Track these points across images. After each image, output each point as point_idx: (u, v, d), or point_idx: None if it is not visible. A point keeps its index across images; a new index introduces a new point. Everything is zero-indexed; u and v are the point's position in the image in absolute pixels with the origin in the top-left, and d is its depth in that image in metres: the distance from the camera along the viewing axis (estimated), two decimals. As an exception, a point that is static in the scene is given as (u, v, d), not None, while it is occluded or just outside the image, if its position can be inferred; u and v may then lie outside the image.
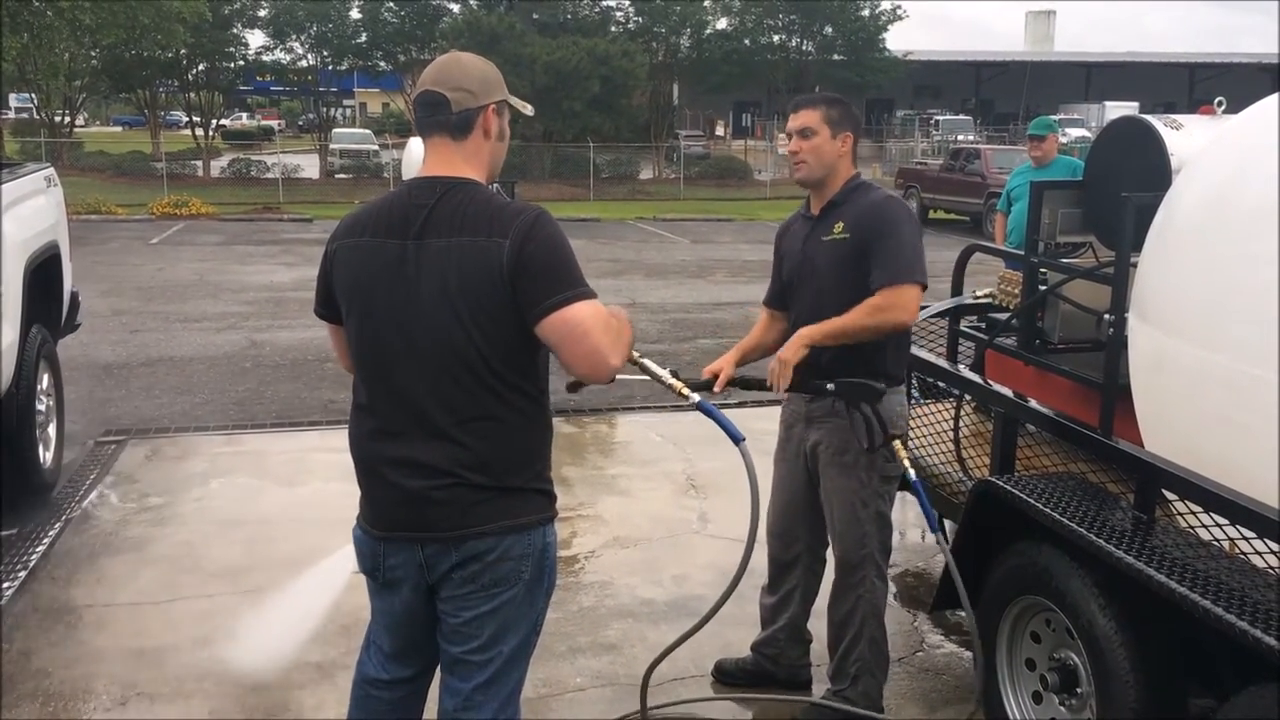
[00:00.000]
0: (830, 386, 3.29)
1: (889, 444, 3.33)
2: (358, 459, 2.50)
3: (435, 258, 2.32)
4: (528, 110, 2.60)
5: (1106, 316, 3.53)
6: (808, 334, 3.30)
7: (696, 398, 2.64)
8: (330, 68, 39.16)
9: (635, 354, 2.62)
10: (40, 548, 5.06)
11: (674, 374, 2.72)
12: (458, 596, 2.43)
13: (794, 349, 3.29)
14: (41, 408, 5.78)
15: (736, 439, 2.61)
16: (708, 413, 2.62)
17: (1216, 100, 4.09)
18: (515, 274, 2.27)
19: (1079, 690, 3.07)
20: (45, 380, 5.92)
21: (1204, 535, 2.83)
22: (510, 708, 2.55)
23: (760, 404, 8.04)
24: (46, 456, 5.82)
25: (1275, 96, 3.14)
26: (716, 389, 3.51)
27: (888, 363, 3.44)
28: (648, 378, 2.96)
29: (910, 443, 4.08)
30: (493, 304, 2.29)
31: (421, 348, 2.35)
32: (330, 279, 2.48)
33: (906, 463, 3.37)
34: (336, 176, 32.61)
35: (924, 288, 3.34)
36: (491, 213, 2.33)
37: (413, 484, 2.38)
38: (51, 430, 6.03)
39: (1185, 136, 3.70)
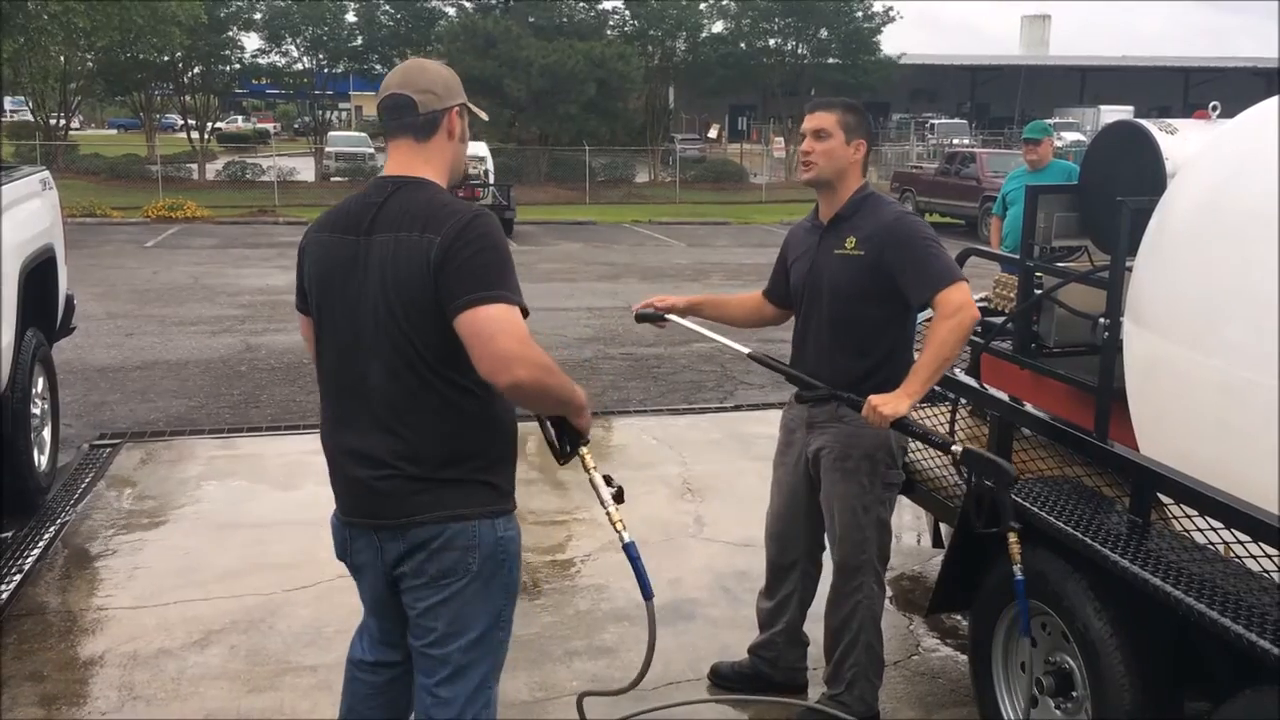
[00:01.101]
0: (956, 449, 3.16)
1: (1004, 537, 3.03)
2: (323, 447, 2.60)
3: (379, 253, 2.40)
4: (483, 116, 2.73)
5: (1102, 320, 3.53)
6: (914, 390, 3.18)
7: (628, 538, 2.63)
8: (326, 71, 39.09)
9: (590, 460, 2.63)
10: (35, 551, 5.05)
11: (616, 496, 2.64)
12: (412, 589, 2.51)
13: (895, 404, 3.15)
14: (36, 411, 5.77)
15: (647, 595, 2.64)
16: (632, 559, 2.63)
17: (1211, 105, 4.10)
18: (439, 269, 2.32)
19: (1074, 694, 3.07)
20: (40, 383, 5.91)
21: (1199, 539, 2.84)
22: (476, 704, 2.57)
23: (756, 407, 8.07)
24: (41, 460, 5.82)
25: (1270, 101, 3.14)
26: (658, 306, 3.74)
27: (898, 370, 3.43)
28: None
29: (907, 446, 4.09)
30: (423, 299, 2.35)
31: (367, 340, 2.44)
32: (303, 273, 2.59)
33: (1018, 560, 2.99)
34: (332, 179, 32.56)
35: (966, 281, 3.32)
36: (431, 210, 2.39)
37: (361, 473, 2.48)
38: (46, 434, 6.02)
39: (1180, 141, 3.70)
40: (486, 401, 2.41)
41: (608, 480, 2.64)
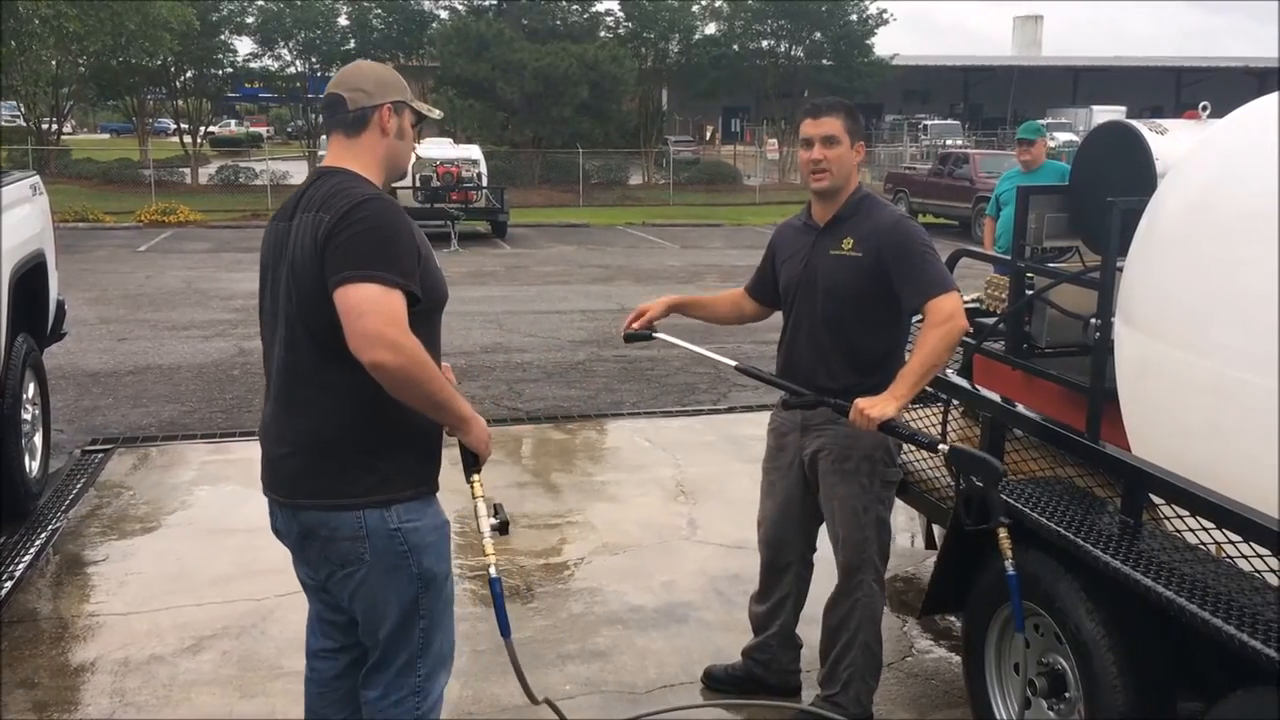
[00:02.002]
0: (943, 448, 3.16)
1: (994, 533, 3.02)
2: None
3: (292, 235, 2.48)
4: (435, 114, 2.79)
5: (1093, 321, 3.54)
6: (901, 393, 3.18)
7: (495, 573, 2.61)
8: (319, 74, 39.03)
9: (479, 489, 2.62)
10: (26, 558, 5.03)
11: (498, 528, 2.61)
12: (332, 585, 2.59)
13: (883, 407, 3.14)
14: (27, 417, 5.75)
15: (504, 633, 2.67)
16: (495, 595, 2.64)
17: (1201, 105, 4.11)
18: (324, 247, 2.37)
19: (1067, 695, 3.07)
20: (31, 389, 5.89)
21: (1191, 539, 2.83)
22: (400, 689, 2.61)
23: (749, 409, 8.06)
24: (33, 466, 5.80)
25: (1260, 101, 3.15)
26: (637, 326, 3.66)
27: (893, 370, 3.43)
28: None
29: (903, 445, 4.09)
30: (314, 277, 2.40)
31: (279, 319, 2.52)
32: None
33: (1009, 555, 2.99)
34: (325, 183, 32.48)
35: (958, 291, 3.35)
36: (332, 193, 2.45)
37: (269, 449, 2.59)
38: (38, 439, 6.00)
39: (1170, 141, 3.71)
40: (375, 386, 2.37)
41: (496, 510, 2.63)
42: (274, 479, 2.59)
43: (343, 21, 37.70)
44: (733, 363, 3.65)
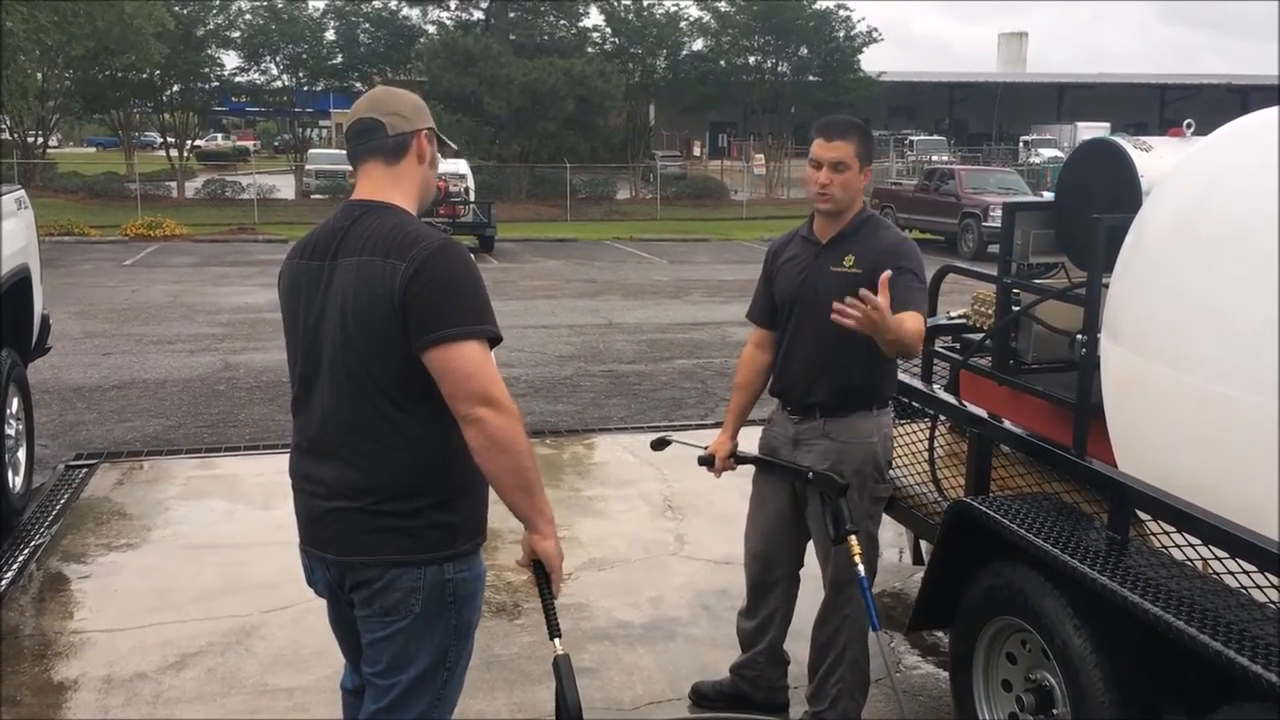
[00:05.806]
0: (810, 476, 3.42)
1: (845, 540, 3.28)
2: (290, 472, 2.56)
3: (341, 278, 2.36)
4: (453, 145, 2.73)
5: (1079, 337, 3.55)
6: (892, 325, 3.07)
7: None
8: (306, 88, 39.04)
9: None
10: (9, 574, 4.99)
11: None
12: (361, 619, 2.48)
13: (887, 321, 3.01)
14: (11, 432, 5.72)
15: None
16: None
17: (1185, 122, 4.14)
18: (406, 300, 2.26)
19: (1055, 711, 3.07)
20: (15, 404, 5.86)
21: (1177, 555, 2.84)
22: None
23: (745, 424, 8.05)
24: (16, 481, 5.76)
25: (1242, 119, 3.17)
26: (716, 474, 3.87)
27: (881, 387, 3.47)
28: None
29: (893, 460, 4.08)
30: (385, 326, 2.29)
31: (325, 366, 2.40)
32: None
33: (859, 559, 3.26)
34: (312, 197, 32.44)
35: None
36: (398, 236, 2.33)
37: (314, 502, 2.46)
38: (21, 455, 5.96)
39: (1155, 158, 3.73)
40: (446, 434, 2.32)
41: None
42: (322, 535, 2.45)
43: (330, 36, 37.73)
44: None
